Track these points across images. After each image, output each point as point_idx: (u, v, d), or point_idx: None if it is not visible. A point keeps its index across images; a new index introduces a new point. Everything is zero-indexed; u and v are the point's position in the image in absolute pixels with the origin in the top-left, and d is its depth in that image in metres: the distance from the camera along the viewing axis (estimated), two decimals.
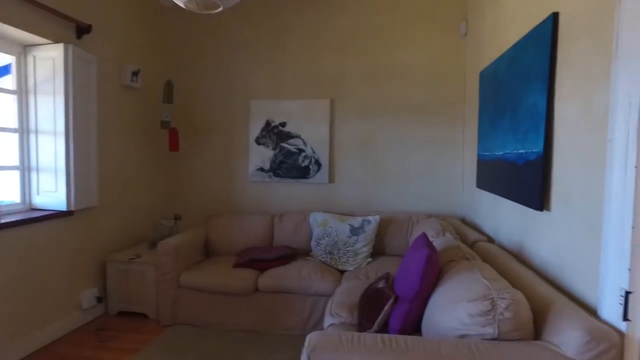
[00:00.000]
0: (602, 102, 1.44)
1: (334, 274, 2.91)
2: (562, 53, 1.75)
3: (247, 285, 2.86)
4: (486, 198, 2.86)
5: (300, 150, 3.69)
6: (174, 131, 3.70)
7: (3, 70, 2.72)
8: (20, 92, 2.73)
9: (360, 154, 3.67)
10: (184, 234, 3.24)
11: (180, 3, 2.09)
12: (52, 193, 2.75)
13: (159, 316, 3.00)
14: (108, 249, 3.26)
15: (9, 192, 2.73)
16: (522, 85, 2.12)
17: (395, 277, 1.96)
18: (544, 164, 1.85)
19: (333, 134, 3.70)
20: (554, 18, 1.79)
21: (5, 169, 2.69)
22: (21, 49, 2.70)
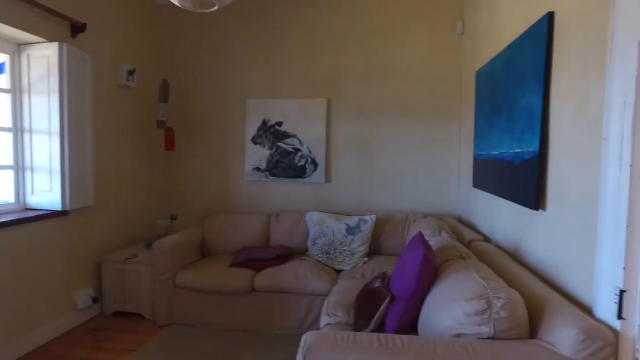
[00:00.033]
0: (597, 101, 1.44)
1: (330, 274, 2.91)
2: (558, 52, 1.76)
3: (244, 285, 2.85)
4: (482, 197, 2.86)
5: (297, 149, 3.68)
6: (170, 130, 3.68)
7: None
8: (14, 91, 2.71)
9: (357, 154, 3.67)
10: (179, 233, 3.22)
11: (176, 2, 2.08)
12: (47, 193, 2.74)
13: (155, 316, 2.99)
14: (103, 248, 3.24)
15: (3, 192, 2.71)
16: (518, 85, 2.12)
17: (392, 277, 1.96)
18: (539, 163, 1.86)
19: (329, 134, 3.69)
20: (550, 17, 1.80)
21: None
22: (15, 47, 2.68)
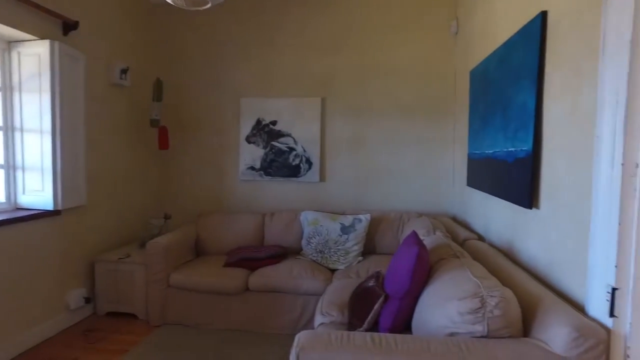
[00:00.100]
0: (590, 100, 1.45)
1: (324, 273, 2.91)
2: (551, 51, 1.76)
3: (238, 285, 2.84)
4: (477, 196, 2.87)
5: (291, 148, 3.67)
6: (164, 129, 3.66)
7: None
8: (4, 89, 2.68)
9: (351, 153, 3.67)
10: (173, 233, 3.21)
11: None
12: (39, 192, 2.71)
13: (149, 316, 2.97)
14: (97, 248, 3.22)
15: None
16: (512, 84, 2.13)
17: (386, 276, 1.95)
18: (533, 161, 1.86)
19: (324, 133, 3.69)
20: (543, 16, 1.80)
21: None
22: (5, 44, 2.65)
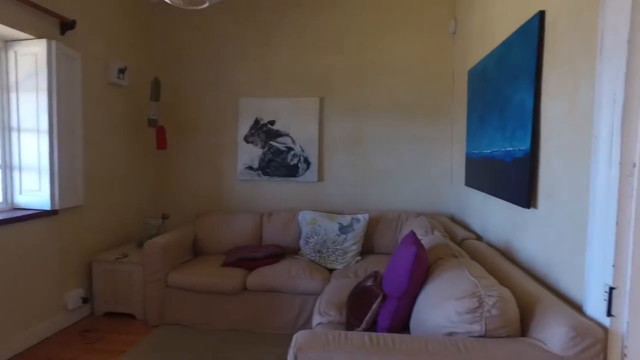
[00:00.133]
0: (588, 100, 1.45)
1: (322, 273, 2.90)
2: (549, 51, 1.76)
3: (236, 285, 2.84)
4: (475, 196, 2.87)
5: (289, 148, 3.67)
6: (162, 129, 3.65)
7: None
8: (1, 89, 2.67)
9: (350, 153, 3.67)
10: (171, 233, 3.20)
11: None
12: (36, 192, 2.70)
13: (146, 316, 2.96)
14: (94, 248, 3.21)
15: None
16: (510, 84, 2.13)
17: (384, 275, 1.95)
18: (531, 161, 1.86)
19: (322, 133, 3.68)
20: (541, 16, 1.80)
21: None
22: (1, 44, 2.63)
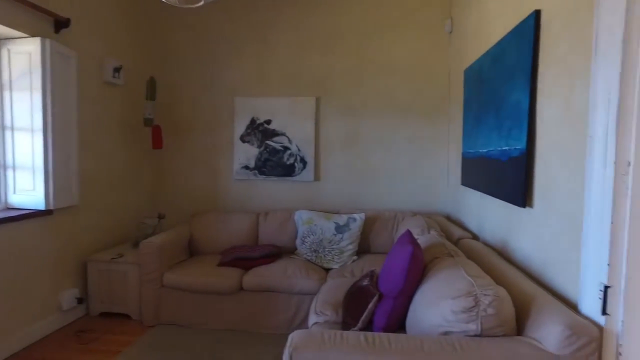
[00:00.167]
0: (583, 99, 1.45)
1: (319, 272, 2.90)
2: (544, 50, 1.76)
3: (232, 284, 2.83)
4: (471, 195, 2.87)
5: (286, 148, 3.66)
6: (157, 129, 3.63)
7: None
8: None
9: (346, 152, 3.66)
10: (167, 232, 3.18)
11: None
12: (30, 192, 2.68)
13: (142, 317, 2.95)
14: (90, 248, 3.19)
15: None
16: (506, 83, 2.13)
17: (380, 275, 1.95)
18: (526, 160, 1.86)
19: (318, 132, 3.68)
20: (536, 15, 1.80)
21: None
22: None
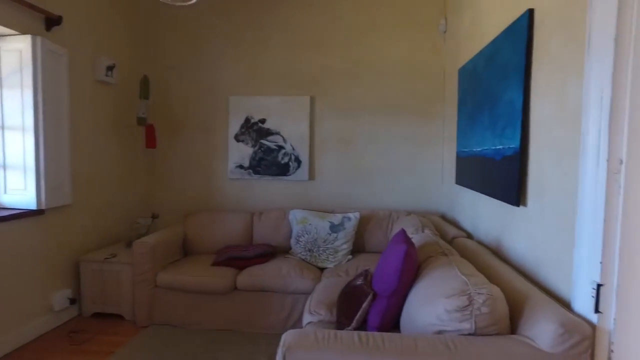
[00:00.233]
0: (576, 98, 1.45)
1: (313, 272, 2.89)
2: (538, 49, 1.77)
3: (226, 284, 2.81)
4: (465, 194, 2.88)
5: (280, 147, 3.65)
6: (151, 128, 3.61)
7: None
8: None
9: (341, 151, 3.66)
10: (161, 232, 3.16)
11: None
12: (21, 191, 2.65)
13: (135, 317, 2.93)
14: (82, 248, 3.16)
15: None
16: (500, 82, 2.13)
17: (374, 274, 1.95)
18: (520, 159, 1.87)
19: (313, 131, 3.67)
20: (530, 14, 1.81)
21: None
22: None
